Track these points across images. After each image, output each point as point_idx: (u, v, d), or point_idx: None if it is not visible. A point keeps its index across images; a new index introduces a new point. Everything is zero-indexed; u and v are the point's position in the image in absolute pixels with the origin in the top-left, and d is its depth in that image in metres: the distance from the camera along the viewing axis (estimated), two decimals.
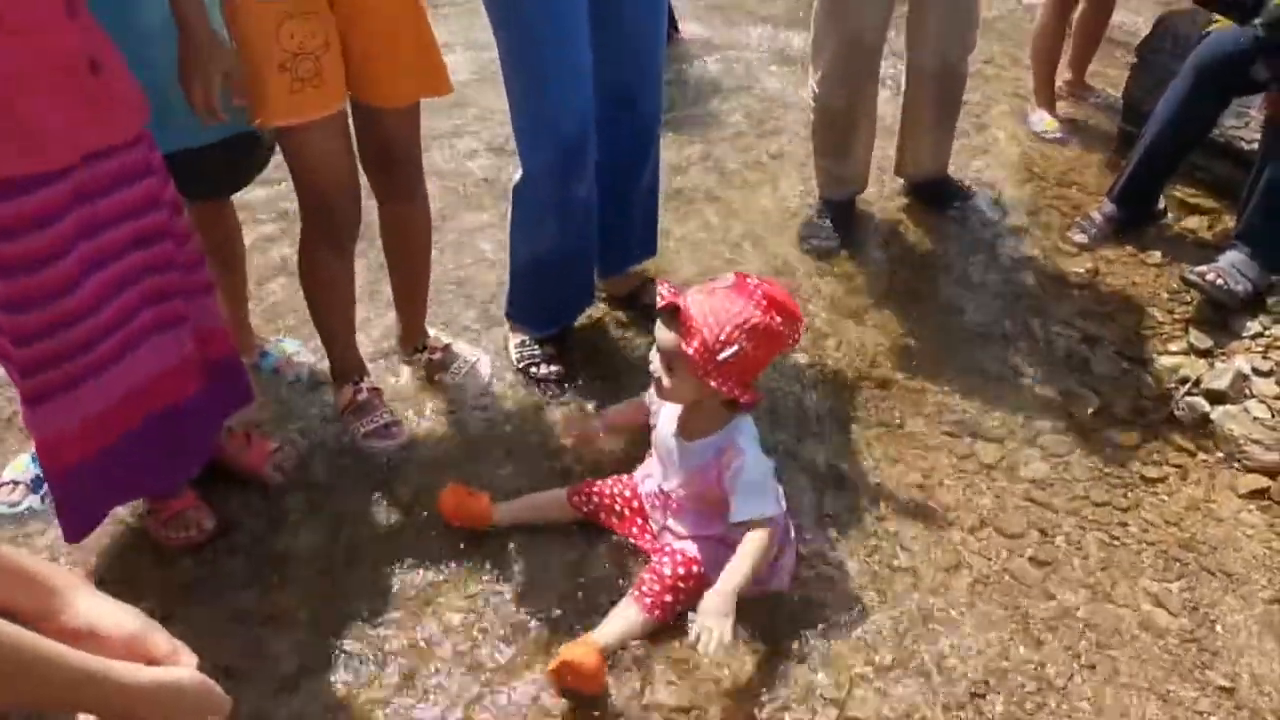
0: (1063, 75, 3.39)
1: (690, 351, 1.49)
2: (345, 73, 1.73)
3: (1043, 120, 3.21)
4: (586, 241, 2.23)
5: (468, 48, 3.62)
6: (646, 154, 2.29)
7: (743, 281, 1.56)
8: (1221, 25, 2.47)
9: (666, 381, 1.60)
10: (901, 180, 2.92)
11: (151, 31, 1.62)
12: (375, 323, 2.37)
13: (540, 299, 2.27)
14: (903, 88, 2.72)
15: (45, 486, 1.95)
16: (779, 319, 1.53)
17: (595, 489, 1.83)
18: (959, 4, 2.47)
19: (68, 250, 1.43)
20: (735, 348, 1.49)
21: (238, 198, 2.10)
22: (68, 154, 1.38)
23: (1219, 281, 2.29)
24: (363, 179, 1.94)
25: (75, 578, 0.81)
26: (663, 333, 1.57)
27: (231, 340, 1.85)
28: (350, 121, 1.85)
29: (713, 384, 1.52)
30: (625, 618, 1.61)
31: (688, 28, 3.98)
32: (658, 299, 1.59)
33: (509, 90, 2.00)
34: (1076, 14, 3.25)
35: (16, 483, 1.97)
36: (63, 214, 1.41)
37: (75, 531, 1.64)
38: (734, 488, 1.59)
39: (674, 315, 1.54)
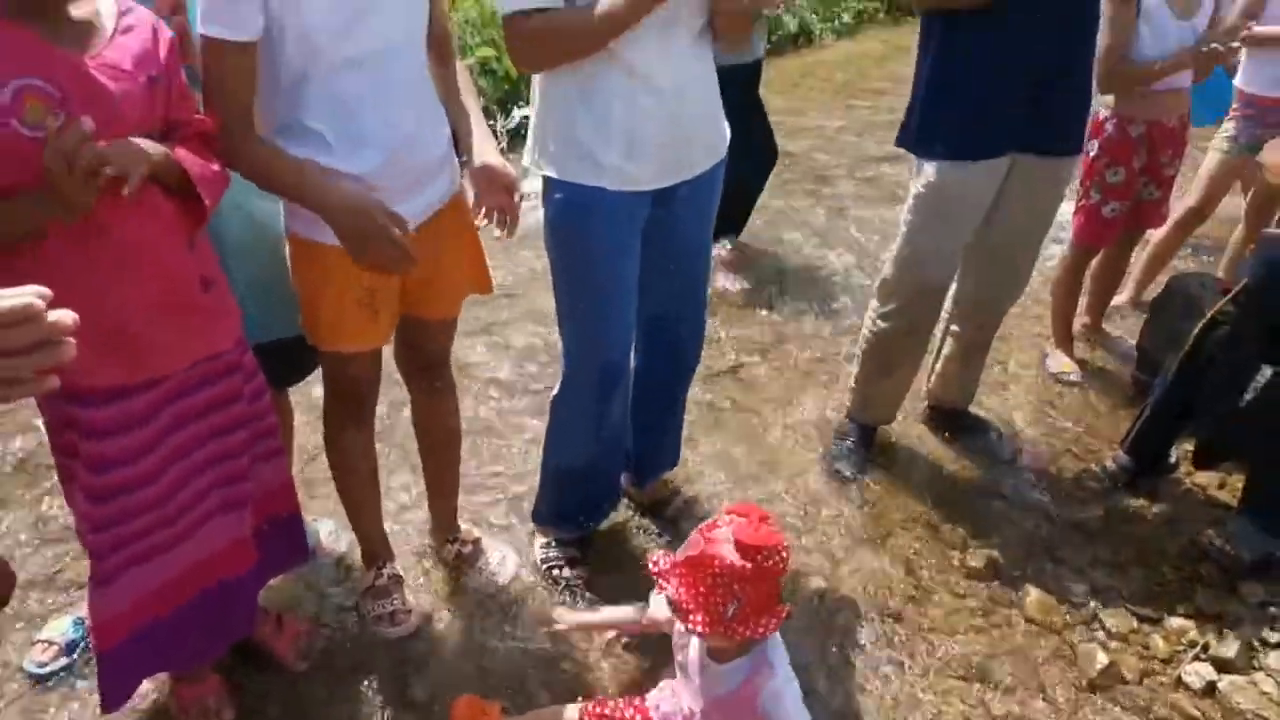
0: (1081, 319, 3.57)
1: (702, 630, 1.59)
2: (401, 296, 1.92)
3: (1060, 363, 3.36)
4: (617, 453, 2.36)
5: (524, 246, 3.87)
6: (684, 374, 2.43)
7: (711, 536, 1.62)
8: None
9: (709, 646, 1.69)
10: (925, 405, 3.05)
11: (234, 247, 1.80)
12: (413, 513, 2.47)
13: (568, 505, 2.37)
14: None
15: (78, 651, 2.03)
16: (759, 556, 1.59)
17: (609, 709, 1.87)
18: (1020, 254, 2.63)
19: (156, 446, 1.57)
20: (735, 603, 1.57)
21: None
22: (174, 364, 1.55)
23: (1227, 547, 2.36)
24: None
25: None
26: (674, 619, 1.68)
27: (295, 497, 1.96)
28: None
29: (739, 636, 1.59)
30: None
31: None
32: (651, 566, 1.68)
33: (559, 304, 2.15)
34: (1094, 262, 3.46)
35: (51, 643, 2.04)
36: (158, 413, 1.56)
37: (113, 702, 1.70)
38: (775, 713, 1.65)
39: (672, 603, 1.64)
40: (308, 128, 1.66)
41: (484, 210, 1.87)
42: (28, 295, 0.77)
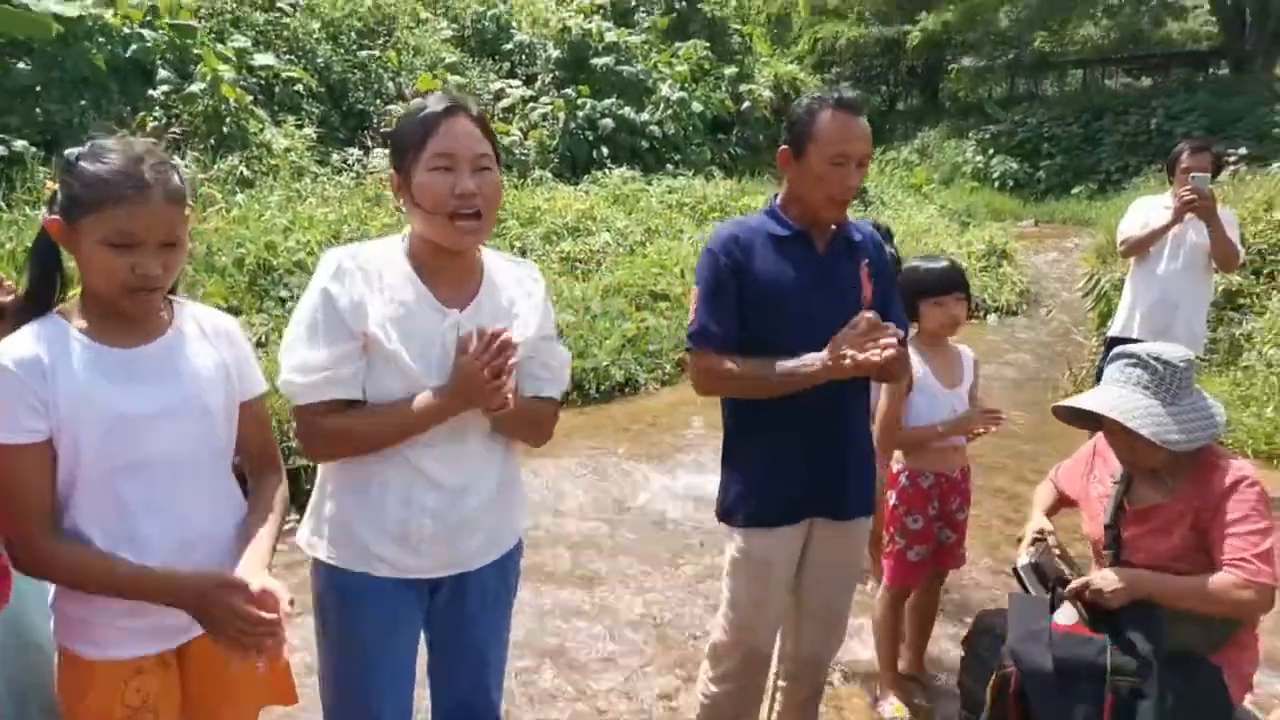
0: (905, 656, 3.67)
1: None
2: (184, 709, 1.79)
3: (891, 706, 3.40)
4: None
5: None
6: None
7: None
8: None
9: None
10: None
11: None
12: None
13: None
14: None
15: None
16: None
17: None
18: (832, 611, 2.75)
19: None
20: None
21: None
22: None
23: None
24: None
25: None
26: None
27: None
28: None
29: None
30: None
31: None
32: None
33: (323, 690, 2.04)
34: (909, 602, 3.63)
35: None
36: None
37: None
38: None
39: None
40: (79, 532, 1.61)
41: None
42: None
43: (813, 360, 2.29)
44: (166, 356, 1.74)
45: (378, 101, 11.84)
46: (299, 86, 10.89)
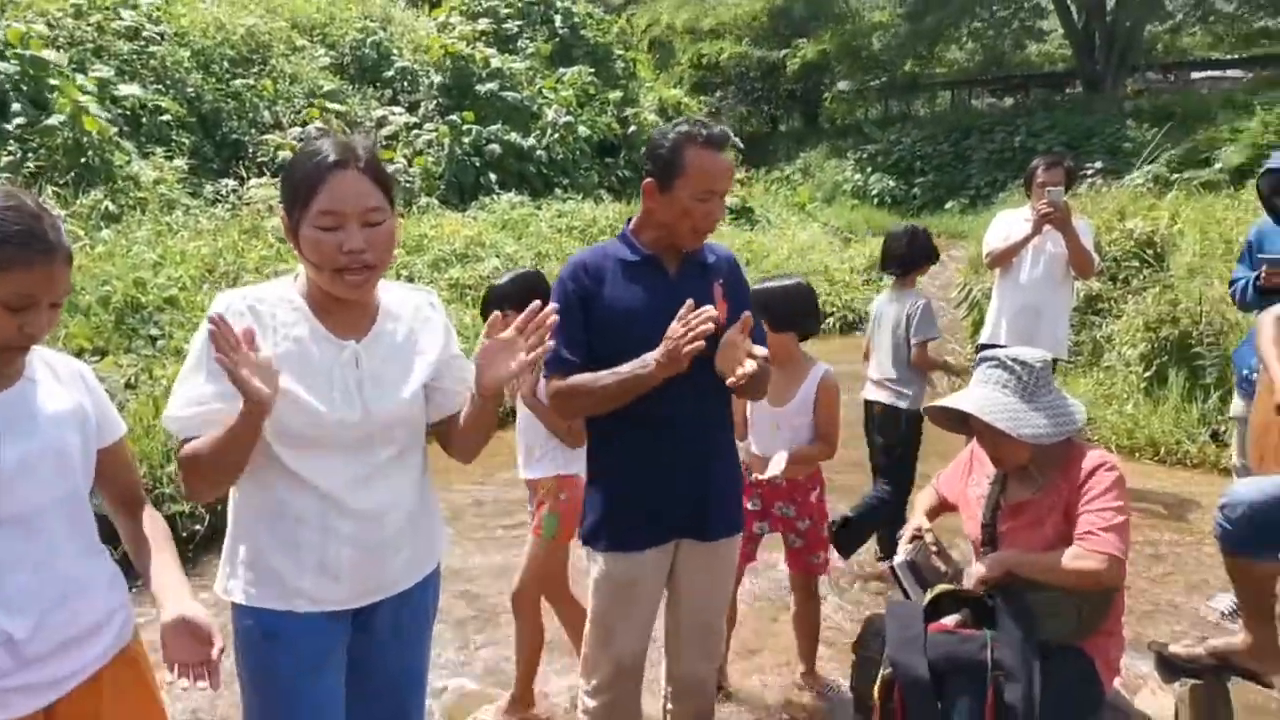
0: (798, 669, 3.73)
1: None
2: None
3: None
4: None
5: None
6: None
7: None
8: None
9: None
10: None
11: None
12: None
13: None
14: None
15: None
16: None
17: None
18: (707, 630, 2.75)
19: None
20: None
21: None
22: None
23: None
24: None
25: None
26: None
27: None
28: None
29: None
30: None
31: None
32: None
33: None
34: (791, 614, 3.68)
35: None
36: None
37: None
38: None
39: None
40: None
41: (176, 666, 1.74)
42: None
43: (647, 359, 2.32)
44: (21, 405, 1.67)
45: (253, 131, 11.51)
46: (168, 117, 10.49)
